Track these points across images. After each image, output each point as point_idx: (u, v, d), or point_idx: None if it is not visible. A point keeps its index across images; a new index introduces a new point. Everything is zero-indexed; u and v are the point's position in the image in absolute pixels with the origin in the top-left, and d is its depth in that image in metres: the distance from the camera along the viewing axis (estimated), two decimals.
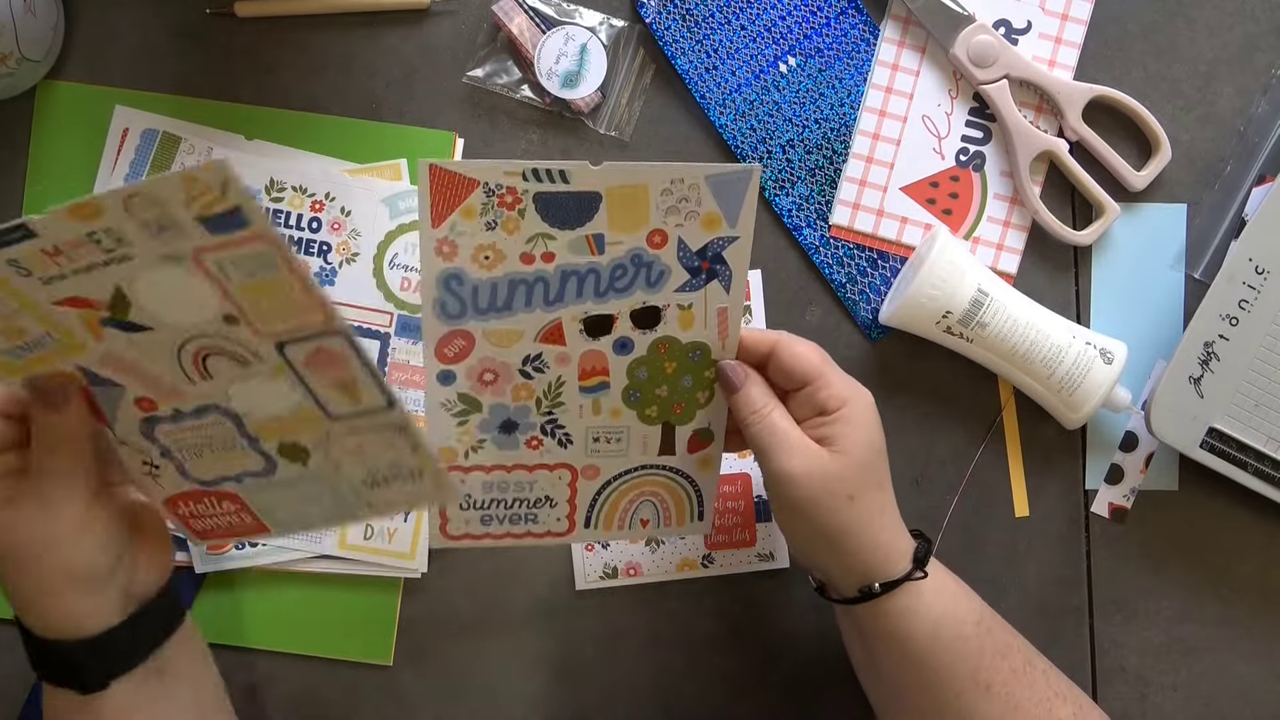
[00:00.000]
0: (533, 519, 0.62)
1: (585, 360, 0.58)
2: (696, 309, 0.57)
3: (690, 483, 0.62)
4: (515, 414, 0.59)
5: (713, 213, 0.55)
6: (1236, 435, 0.66)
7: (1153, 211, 0.70)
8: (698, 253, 0.56)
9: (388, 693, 0.70)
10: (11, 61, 0.65)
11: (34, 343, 0.53)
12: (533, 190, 0.53)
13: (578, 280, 0.56)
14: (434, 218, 0.54)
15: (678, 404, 0.60)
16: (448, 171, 0.52)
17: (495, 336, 0.57)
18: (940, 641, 0.57)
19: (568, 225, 0.54)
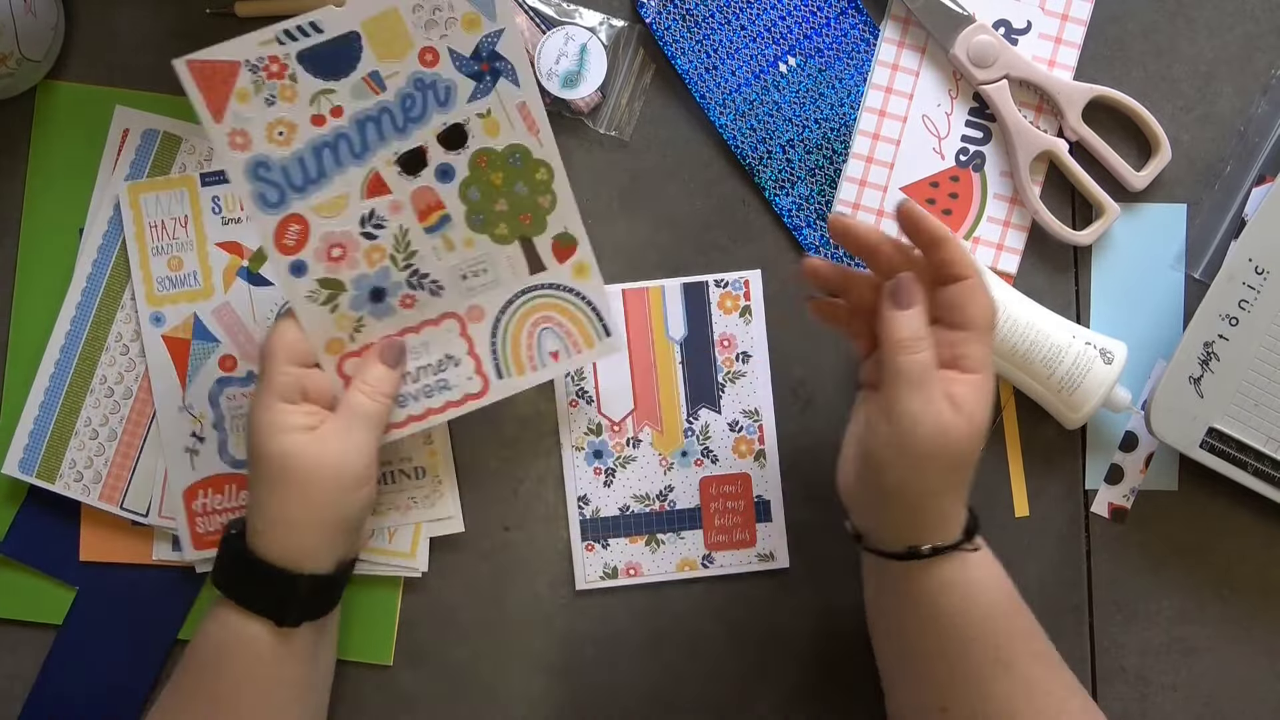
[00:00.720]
0: (444, 386, 0.62)
1: (416, 199, 0.58)
2: (496, 113, 0.57)
3: (578, 296, 0.61)
4: (377, 278, 0.59)
5: (469, 13, 0.55)
6: (1236, 435, 0.66)
7: (1153, 211, 0.70)
8: (471, 57, 0.56)
9: (388, 693, 0.70)
10: (11, 61, 0.65)
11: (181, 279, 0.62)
12: (293, 51, 0.54)
13: (374, 124, 0.56)
14: (213, 113, 0.54)
15: (522, 215, 0.59)
16: (206, 62, 0.53)
17: (324, 208, 0.57)
18: (972, 615, 0.56)
19: (340, 74, 0.55)
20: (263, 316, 0.68)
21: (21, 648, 0.70)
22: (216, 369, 0.67)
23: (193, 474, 0.68)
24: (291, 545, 0.58)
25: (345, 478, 0.59)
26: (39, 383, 0.68)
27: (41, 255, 0.69)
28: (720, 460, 0.70)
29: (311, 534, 0.58)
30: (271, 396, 0.58)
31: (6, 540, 0.69)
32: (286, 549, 0.58)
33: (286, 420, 0.58)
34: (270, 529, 0.58)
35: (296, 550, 0.58)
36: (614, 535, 0.70)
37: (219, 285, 0.67)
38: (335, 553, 0.60)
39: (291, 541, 0.58)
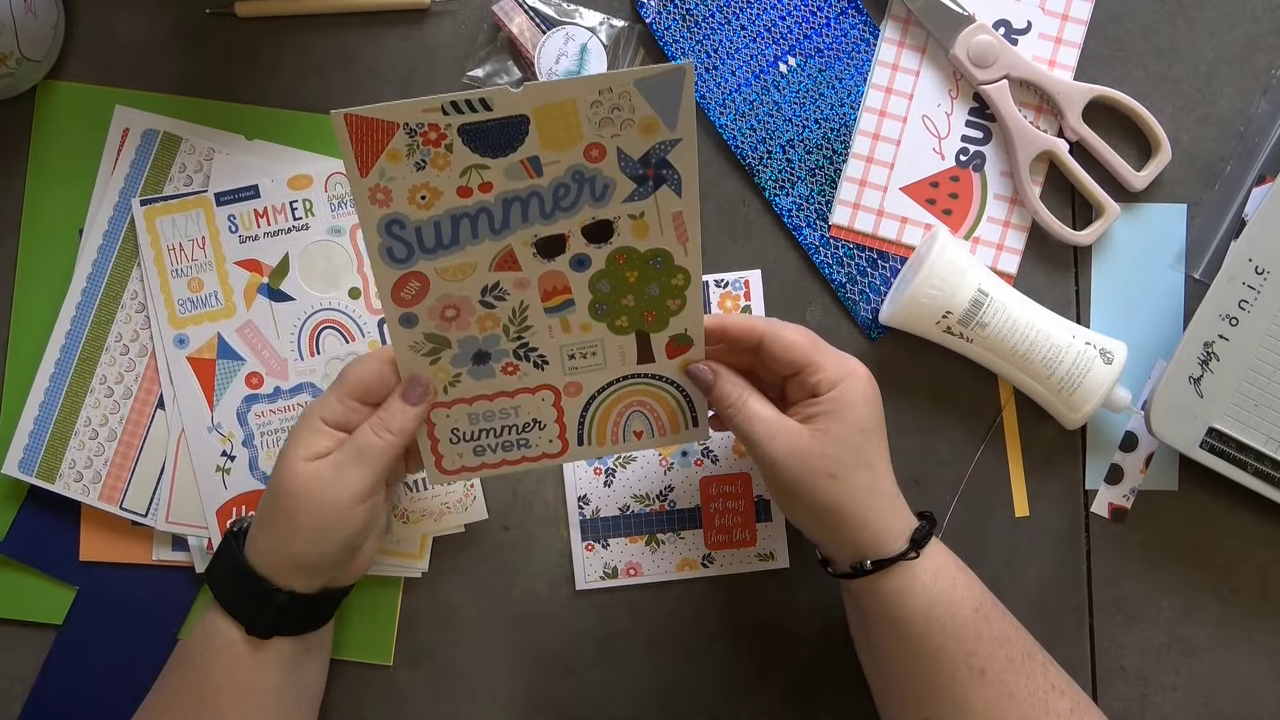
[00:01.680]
0: (524, 444, 0.62)
1: (544, 281, 0.57)
2: (649, 216, 0.56)
3: (676, 388, 0.61)
4: (485, 344, 0.58)
5: (649, 118, 0.53)
6: (1236, 435, 0.66)
7: (1153, 211, 0.70)
8: (640, 160, 0.54)
9: (388, 693, 0.70)
10: (11, 61, 0.65)
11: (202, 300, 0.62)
12: (456, 123, 0.52)
13: (521, 205, 0.55)
14: (360, 167, 0.53)
15: (648, 312, 0.59)
16: (364, 119, 0.51)
17: (448, 272, 0.56)
18: (934, 624, 0.57)
19: (499, 153, 0.53)
20: (286, 332, 0.68)
21: (21, 648, 0.70)
22: (243, 387, 0.68)
23: (225, 492, 0.68)
24: (272, 559, 0.58)
25: (326, 512, 0.57)
26: (39, 383, 0.68)
27: (41, 255, 0.69)
28: (720, 460, 0.70)
29: (289, 555, 0.58)
30: (314, 413, 0.59)
31: (6, 540, 0.69)
32: (267, 560, 0.58)
33: (311, 440, 0.58)
34: (259, 537, 0.59)
35: (275, 565, 0.58)
36: (614, 535, 0.70)
37: (240, 304, 0.68)
38: (317, 578, 0.59)
39: (272, 555, 0.58)
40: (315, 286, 0.68)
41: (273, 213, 0.67)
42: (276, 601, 0.58)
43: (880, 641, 0.60)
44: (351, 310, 0.68)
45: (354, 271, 0.68)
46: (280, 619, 0.59)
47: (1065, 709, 0.58)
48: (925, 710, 0.58)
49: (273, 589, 0.58)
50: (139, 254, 0.68)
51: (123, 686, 0.65)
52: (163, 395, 0.68)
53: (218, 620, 0.59)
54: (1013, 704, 0.57)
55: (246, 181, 0.68)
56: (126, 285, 0.69)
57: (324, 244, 0.68)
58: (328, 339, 0.68)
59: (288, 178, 0.67)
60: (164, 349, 0.68)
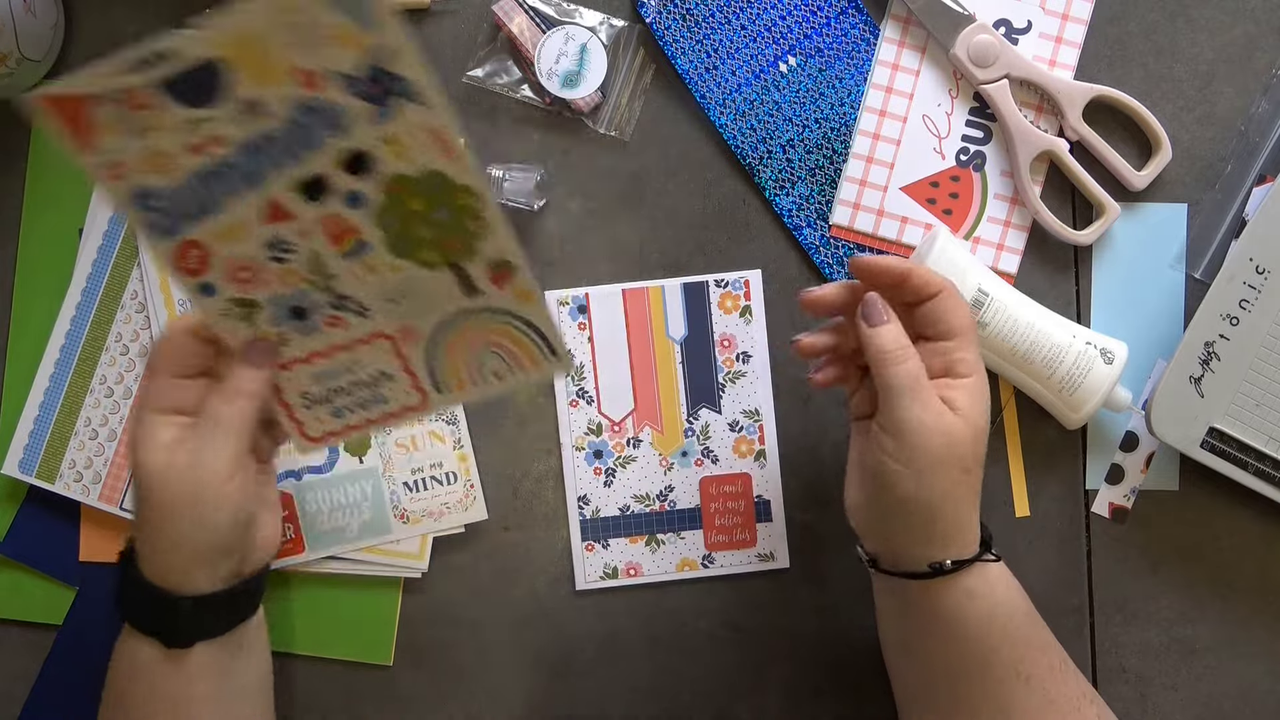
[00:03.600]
0: (380, 399, 0.59)
1: (326, 226, 0.53)
2: (404, 137, 0.51)
3: (521, 320, 0.57)
4: (296, 299, 0.55)
5: (344, 27, 0.47)
6: (1237, 435, 0.66)
7: (1153, 211, 0.70)
8: (359, 77, 0.49)
9: (388, 693, 0.70)
10: (11, 61, 0.65)
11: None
12: (154, 81, 0.48)
13: (261, 152, 0.51)
14: (79, 147, 0.49)
15: (449, 240, 0.54)
16: (61, 98, 0.48)
17: (221, 235, 0.53)
18: (994, 626, 0.56)
19: (210, 102, 0.49)
20: None
21: (21, 648, 0.70)
22: None
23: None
24: (165, 566, 0.55)
25: (201, 493, 0.54)
26: (39, 383, 0.68)
27: (41, 255, 0.69)
28: (720, 460, 0.70)
29: (180, 555, 0.55)
30: (142, 407, 0.55)
31: (6, 540, 0.69)
32: (162, 570, 0.56)
33: (153, 433, 0.55)
34: (144, 548, 0.56)
35: (170, 571, 0.55)
36: (614, 535, 0.70)
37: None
38: (216, 572, 0.56)
39: (164, 563, 0.55)
40: None
41: None
42: (183, 609, 0.56)
43: (931, 642, 0.58)
44: None
45: None
46: (195, 624, 0.56)
47: (1094, 715, 0.58)
48: (967, 715, 0.57)
49: (175, 597, 0.55)
50: (139, 254, 0.68)
51: None
52: None
53: (134, 641, 0.57)
54: (1053, 710, 0.56)
55: None
56: (126, 285, 0.69)
57: None
58: None
59: None
60: None
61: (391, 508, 0.69)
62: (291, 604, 0.69)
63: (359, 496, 0.69)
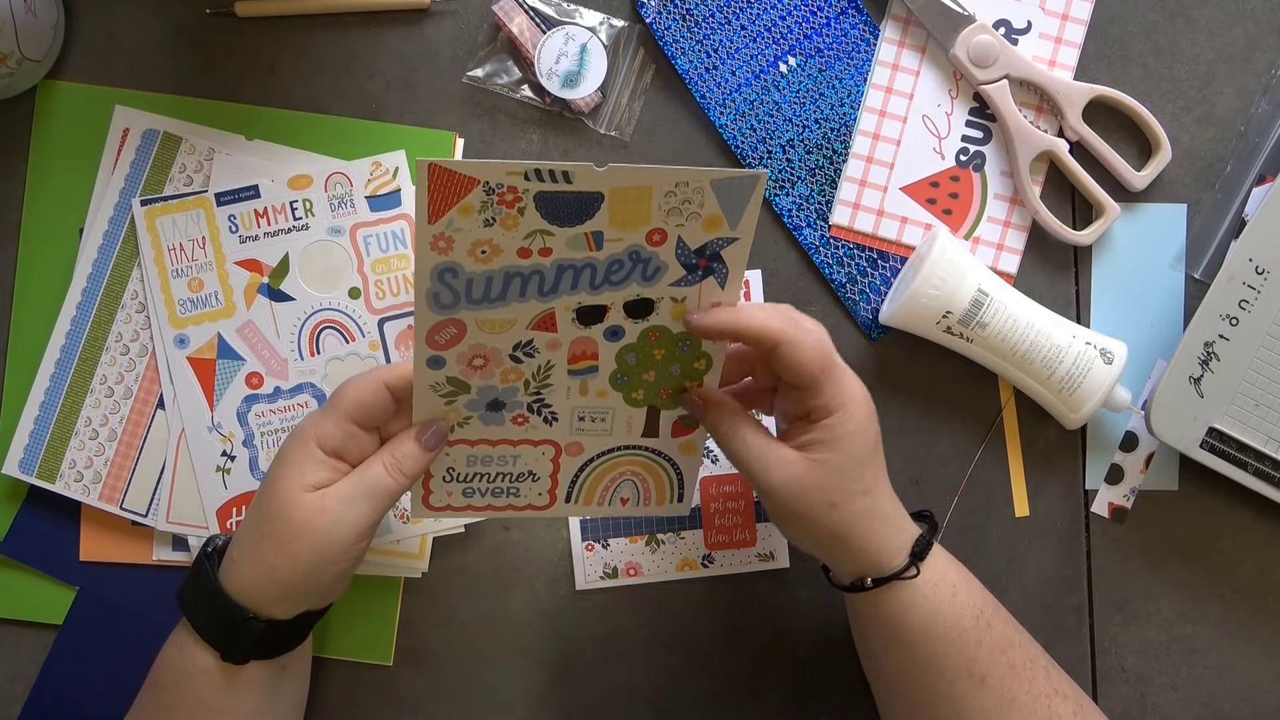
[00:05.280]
0: (514, 493, 0.62)
1: (576, 346, 0.58)
2: (690, 302, 0.57)
3: (672, 465, 0.63)
4: (503, 394, 0.59)
5: (715, 214, 0.54)
6: (1236, 435, 0.66)
7: (1153, 211, 0.70)
8: (696, 251, 0.55)
9: (388, 693, 0.70)
10: (11, 61, 0.65)
11: (202, 300, 0.64)
12: (534, 189, 0.52)
13: (574, 273, 0.55)
14: (431, 214, 0.53)
15: (664, 389, 0.60)
16: (447, 171, 0.51)
17: (487, 325, 0.56)
18: (934, 633, 0.57)
19: (568, 223, 0.54)
20: (286, 332, 0.68)
21: (21, 648, 0.70)
22: (244, 387, 0.68)
23: (225, 492, 0.68)
24: (256, 587, 0.57)
25: (330, 546, 0.56)
26: (39, 383, 0.68)
27: (41, 255, 0.69)
28: (720, 460, 0.70)
29: (278, 585, 0.57)
30: (309, 437, 0.57)
31: (6, 540, 0.69)
32: (250, 588, 0.57)
33: (308, 468, 0.56)
34: (242, 562, 0.57)
35: (259, 593, 0.57)
36: (614, 535, 0.70)
37: (240, 304, 0.68)
38: (299, 606, 0.58)
39: (257, 583, 0.57)
40: (315, 286, 0.68)
41: (273, 213, 0.67)
42: (253, 630, 0.57)
43: (881, 650, 0.60)
44: (351, 310, 0.68)
45: (354, 271, 0.68)
46: (258, 646, 0.58)
47: (1068, 712, 0.58)
48: (928, 717, 0.58)
49: (250, 618, 0.56)
50: (139, 254, 0.68)
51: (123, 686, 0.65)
52: (163, 395, 0.68)
53: (191, 645, 0.58)
54: (1014, 709, 0.57)
55: (247, 181, 0.68)
56: (127, 285, 0.69)
57: (324, 244, 0.68)
58: (328, 339, 0.68)
59: (288, 178, 0.67)
60: (164, 349, 0.68)
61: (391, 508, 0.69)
62: None
63: None
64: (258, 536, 0.57)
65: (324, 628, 0.69)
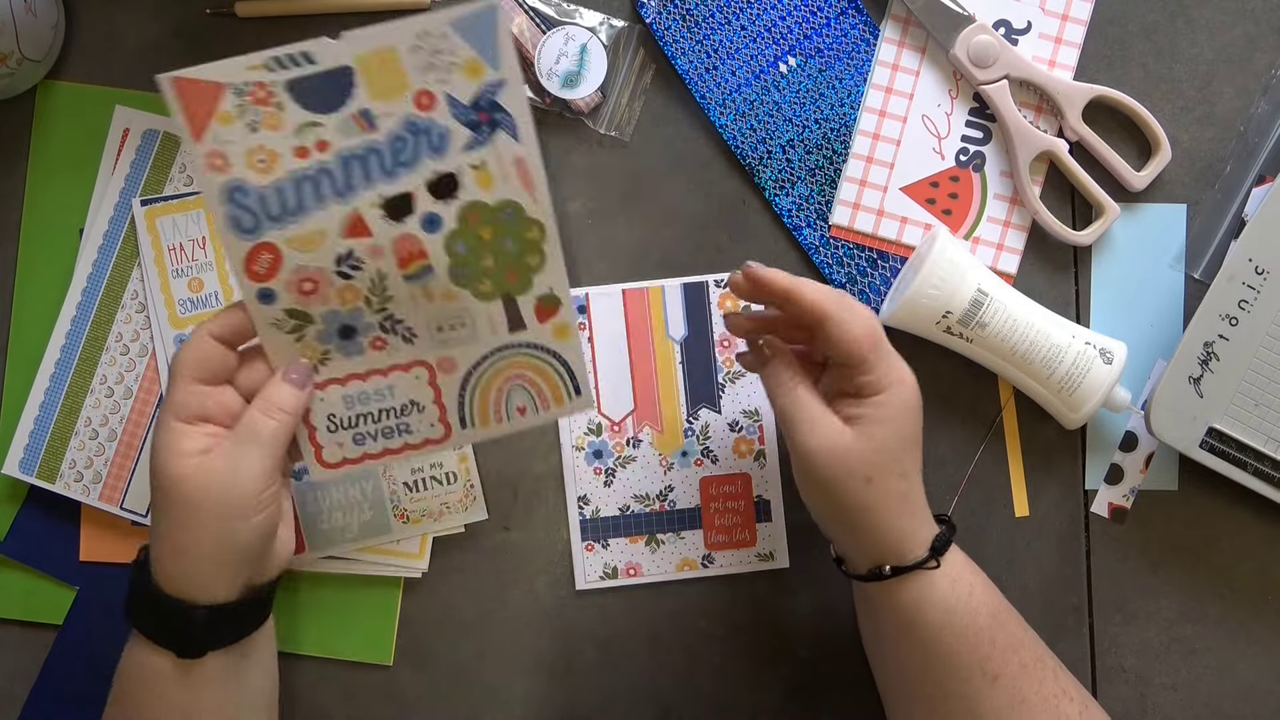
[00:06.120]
0: (405, 429, 0.59)
1: (399, 247, 0.56)
2: (491, 165, 0.55)
3: (554, 356, 0.59)
4: (349, 317, 0.57)
5: (472, 59, 0.53)
6: (1236, 435, 0.66)
7: (1153, 211, 0.70)
8: (470, 105, 0.53)
9: (388, 693, 0.70)
10: (11, 61, 0.65)
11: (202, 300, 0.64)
12: (282, 79, 0.52)
13: (360, 163, 0.54)
14: (193, 131, 0.52)
15: (509, 272, 0.57)
16: (191, 81, 0.51)
17: (298, 242, 0.55)
18: (950, 630, 0.57)
19: (330, 108, 0.53)
20: None
21: (21, 648, 0.70)
22: None
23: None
24: (185, 575, 0.55)
25: (233, 503, 0.55)
26: (39, 383, 0.68)
27: (41, 255, 0.69)
28: (720, 460, 0.70)
29: (203, 563, 0.55)
30: (168, 415, 0.55)
31: (6, 540, 0.69)
32: (180, 579, 0.55)
33: (181, 443, 0.55)
34: (163, 557, 0.56)
35: (189, 580, 0.55)
36: (614, 535, 0.70)
37: None
38: (236, 581, 0.57)
39: (184, 571, 0.55)
40: None
41: None
42: (198, 619, 0.56)
43: (893, 645, 0.60)
44: None
45: None
46: (209, 634, 0.57)
47: (1075, 713, 0.58)
48: (936, 715, 0.58)
49: (191, 607, 0.55)
50: (139, 254, 0.68)
51: None
52: (163, 395, 0.68)
53: (144, 651, 0.57)
54: (1025, 709, 0.57)
55: None
56: (127, 285, 0.69)
57: None
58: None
59: None
60: (165, 350, 0.68)
61: (391, 507, 0.69)
62: (292, 604, 0.69)
63: (359, 496, 0.69)
64: (167, 526, 0.55)
65: (324, 628, 0.69)
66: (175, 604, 0.55)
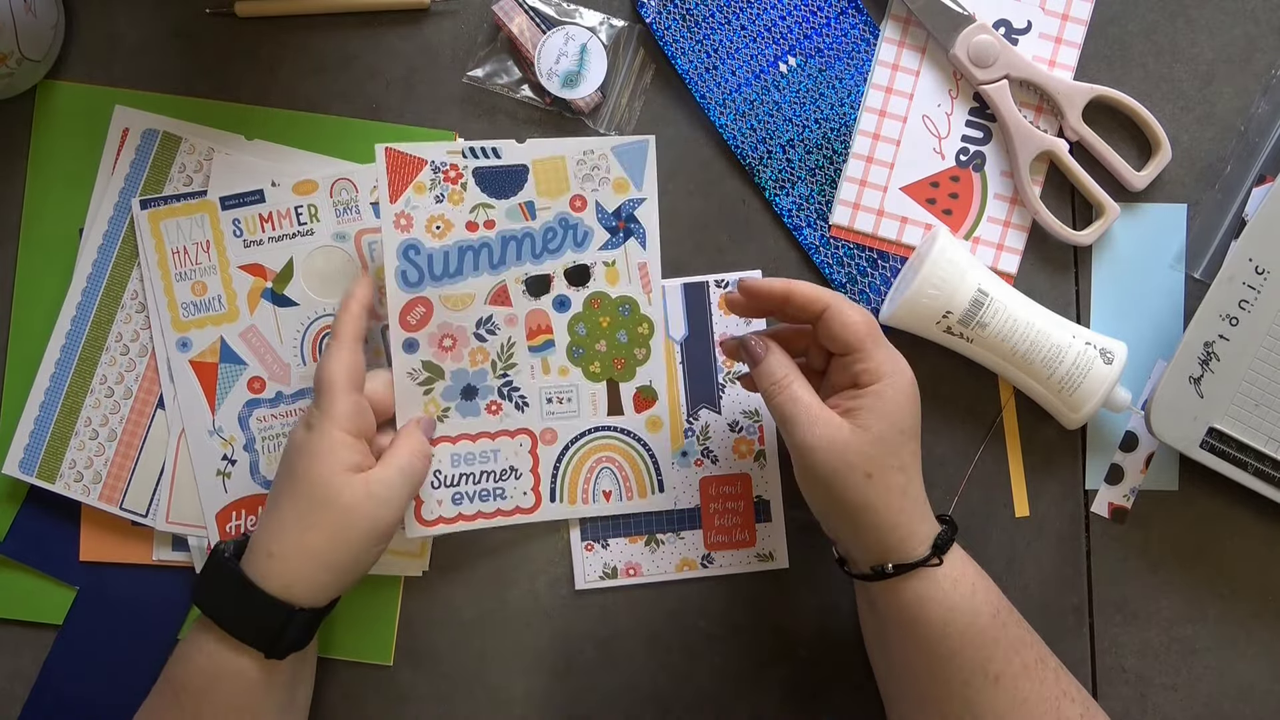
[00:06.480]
0: (500, 494, 0.66)
1: (531, 319, 0.65)
2: (619, 265, 0.66)
3: (643, 445, 0.67)
4: (474, 378, 0.65)
5: (621, 178, 0.65)
6: (1236, 435, 0.66)
7: (1153, 211, 0.70)
8: (613, 213, 0.65)
9: (388, 693, 0.70)
10: (11, 61, 0.65)
11: (205, 303, 0.67)
12: (471, 166, 0.63)
13: (516, 244, 0.64)
14: (391, 194, 0.63)
15: (617, 359, 0.67)
16: (400, 153, 0.62)
17: (450, 301, 0.64)
18: (951, 630, 0.57)
19: (503, 195, 0.64)
20: (289, 337, 0.68)
21: (21, 648, 0.70)
22: (245, 391, 0.68)
23: (225, 496, 0.68)
24: (300, 577, 0.57)
25: (380, 529, 0.59)
26: (39, 383, 0.68)
27: (41, 255, 0.69)
28: (720, 460, 0.70)
29: (327, 571, 0.58)
30: (330, 423, 0.58)
31: (6, 540, 0.69)
32: (293, 580, 0.57)
33: (342, 453, 0.58)
34: (286, 556, 0.57)
35: (304, 583, 0.57)
36: (614, 535, 0.70)
37: (244, 308, 0.68)
38: (338, 591, 0.60)
39: (302, 573, 0.57)
40: (319, 292, 0.68)
41: (277, 217, 0.67)
42: (300, 622, 0.57)
43: (895, 644, 0.60)
44: None
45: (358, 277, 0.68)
46: (298, 636, 0.58)
47: (1076, 714, 0.58)
48: (938, 715, 0.58)
49: (293, 610, 0.57)
50: (142, 257, 0.68)
51: (123, 686, 0.65)
52: (163, 395, 0.68)
53: (219, 649, 0.57)
54: (1025, 710, 0.57)
55: (248, 182, 0.68)
56: (127, 285, 0.69)
57: (328, 249, 0.68)
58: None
59: (293, 183, 0.67)
60: (166, 352, 0.68)
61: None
62: None
63: None
64: (303, 527, 0.57)
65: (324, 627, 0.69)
66: (280, 606, 0.57)
